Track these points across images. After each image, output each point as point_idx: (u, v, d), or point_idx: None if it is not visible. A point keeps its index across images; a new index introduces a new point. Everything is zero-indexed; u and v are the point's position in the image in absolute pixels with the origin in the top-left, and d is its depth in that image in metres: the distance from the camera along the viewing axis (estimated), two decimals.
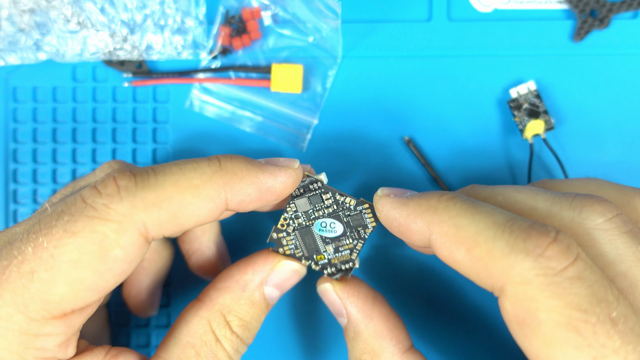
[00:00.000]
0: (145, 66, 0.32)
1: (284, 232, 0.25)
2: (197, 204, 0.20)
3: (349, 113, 0.32)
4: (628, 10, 0.31)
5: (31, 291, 0.18)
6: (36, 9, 0.30)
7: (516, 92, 0.31)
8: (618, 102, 0.31)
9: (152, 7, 0.31)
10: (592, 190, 0.23)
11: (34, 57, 0.31)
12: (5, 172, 0.32)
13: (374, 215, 0.24)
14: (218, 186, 0.21)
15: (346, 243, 0.25)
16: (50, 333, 0.19)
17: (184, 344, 0.22)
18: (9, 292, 0.18)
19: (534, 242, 0.17)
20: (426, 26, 0.32)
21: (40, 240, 0.18)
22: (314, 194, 0.25)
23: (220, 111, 0.32)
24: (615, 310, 0.16)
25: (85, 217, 0.18)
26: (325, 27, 0.31)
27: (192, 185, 0.20)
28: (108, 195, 0.19)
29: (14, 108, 0.32)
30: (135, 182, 0.19)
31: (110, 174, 0.19)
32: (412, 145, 0.31)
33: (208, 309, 0.23)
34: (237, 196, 0.21)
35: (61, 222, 0.18)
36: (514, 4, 0.32)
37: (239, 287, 0.24)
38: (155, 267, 0.28)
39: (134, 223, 0.19)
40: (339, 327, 0.31)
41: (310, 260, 0.25)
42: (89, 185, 0.19)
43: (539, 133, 0.30)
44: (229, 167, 0.21)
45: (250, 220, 0.32)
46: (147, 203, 0.19)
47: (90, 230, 0.18)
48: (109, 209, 0.18)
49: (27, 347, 0.18)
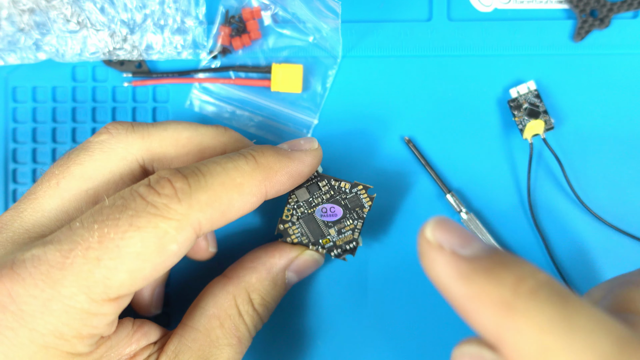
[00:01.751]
0: (145, 66, 0.32)
1: (289, 222, 0.27)
2: (243, 199, 0.22)
3: (349, 113, 0.32)
4: (628, 10, 0.31)
5: (96, 276, 0.19)
6: (36, 8, 0.30)
7: (516, 91, 0.31)
8: (618, 102, 0.31)
9: (152, 7, 0.31)
10: None
11: (33, 57, 0.31)
12: (5, 172, 0.32)
13: (369, 195, 0.27)
14: (258, 182, 0.23)
15: (347, 224, 0.27)
16: (105, 313, 0.20)
17: (210, 314, 0.25)
18: (74, 274, 0.19)
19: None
20: (426, 26, 0.32)
21: (106, 231, 0.20)
22: (311, 183, 0.27)
23: (220, 111, 0.32)
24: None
25: (148, 214, 0.20)
26: (325, 27, 0.31)
27: (236, 184, 0.22)
28: (167, 196, 0.20)
29: (14, 108, 0.32)
30: (189, 185, 0.21)
31: (162, 176, 0.21)
32: (412, 145, 0.31)
33: (235, 285, 0.26)
34: (275, 187, 0.24)
35: (126, 215, 0.20)
36: (514, 4, 0.32)
37: (265, 269, 0.26)
38: None
39: (191, 222, 0.21)
40: (330, 315, 0.31)
41: (317, 245, 0.27)
42: (143, 184, 0.21)
43: (538, 133, 0.30)
44: (265, 163, 0.23)
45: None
46: (201, 204, 0.21)
47: (153, 226, 0.20)
48: (169, 209, 0.20)
49: (85, 324, 0.20)
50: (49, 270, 0.19)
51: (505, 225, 0.31)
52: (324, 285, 0.31)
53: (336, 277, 0.31)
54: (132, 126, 0.25)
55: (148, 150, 0.25)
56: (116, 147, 0.25)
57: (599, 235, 0.31)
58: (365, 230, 0.31)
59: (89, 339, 0.21)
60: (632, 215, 0.31)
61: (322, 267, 0.31)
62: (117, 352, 0.22)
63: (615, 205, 0.31)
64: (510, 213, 0.31)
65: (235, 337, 0.25)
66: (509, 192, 0.31)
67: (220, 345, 0.24)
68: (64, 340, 0.20)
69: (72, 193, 0.24)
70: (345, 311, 0.31)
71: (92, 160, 0.24)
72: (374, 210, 0.31)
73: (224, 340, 0.24)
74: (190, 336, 0.24)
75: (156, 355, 0.23)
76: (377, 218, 0.31)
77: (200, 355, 0.24)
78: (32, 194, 0.24)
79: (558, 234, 0.31)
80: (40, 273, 0.19)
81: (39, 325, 0.19)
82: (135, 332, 0.23)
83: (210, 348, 0.24)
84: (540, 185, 0.31)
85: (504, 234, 0.31)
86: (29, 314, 0.19)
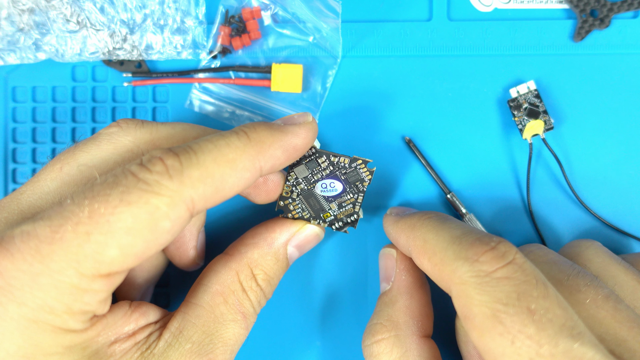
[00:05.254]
0: (145, 66, 0.32)
1: (289, 198, 0.27)
2: (236, 175, 0.22)
3: (349, 113, 0.32)
4: (628, 10, 0.31)
5: (85, 250, 0.19)
6: (35, 8, 0.30)
7: (516, 91, 0.31)
8: (618, 102, 0.31)
9: (151, 7, 0.31)
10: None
11: (33, 56, 0.31)
12: (5, 172, 0.32)
13: (368, 168, 0.27)
14: (251, 157, 0.23)
15: (348, 198, 0.27)
16: (96, 290, 0.20)
17: (213, 291, 0.25)
18: (63, 249, 0.19)
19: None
20: (426, 26, 0.32)
21: (96, 206, 0.19)
22: (309, 159, 0.27)
23: (220, 111, 0.32)
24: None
25: (139, 190, 0.20)
26: (325, 26, 0.31)
27: (229, 160, 0.22)
28: (158, 172, 0.20)
29: (14, 108, 0.32)
30: (180, 161, 0.21)
31: (154, 155, 0.21)
32: (412, 145, 0.31)
33: (237, 262, 0.26)
34: (269, 162, 0.24)
35: (116, 191, 0.20)
36: (514, 4, 0.32)
37: (267, 244, 0.26)
38: (151, 264, 0.28)
39: (183, 198, 0.20)
40: (333, 300, 0.31)
41: (318, 219, 0.27)
42: (135, 163, 0.21)
43: (538, 133, 0.30)
44: (257, 137, 0.23)
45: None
46: (193, 180, 0.21)
47: (145, 202, 0.20)
48: (161, 185, 0.20)
49: (76, 299, 0.20)
50: (38, 245, 0.19)
51: (505, 224, 0.31)
52: (325, 263, 0.31)
53: (338, 254, 0.32)
54: (142, 122, 0.26)
55: (155, 145, 0.25)
56: (124, 139, 0.25)
57: (598, 235, 0.31)
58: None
59: (81, 316, 0.20)
60: (631, 215, 0.31)
61: (323, 242, 0.32)
62: (114, 331, 0.22)
63: (613, 204, 0.31)
64: (510, 212, 0.31)
65: (239, 312, 0.25)
66: (509, 191, 0.31)
67: (225, 321, 0.24)
68: (55, 315, 0.20)
69: (74, 178, 0.24)
70: (346, 292, 0.31)
71: (99, 150, 0.24)
72: (374, 209, 0.31)
73: (229, 316, 0.24)
74: (195, 313, 0.24)
75: (158, 332, 0.23)
76: (377, 218, 0.31)
77: (204, 331, 0.24)
78: (34, 177, 0.24)
79: (557, 233, 0.31)
80: (29, 248, 0.19)
81: (27, 300, 0.19)
82: (133, 312, 0.23)
83: (215, 324, 0.24)
84: (539, 185, 0.31)
85: (503, 233, 0.31)
86: (17, 289, 0.19)
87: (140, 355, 0.22)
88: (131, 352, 0.22)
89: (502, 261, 0.20)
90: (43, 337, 0.20)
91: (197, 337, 0.23)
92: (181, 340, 0.23)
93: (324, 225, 0.28)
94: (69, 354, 0.21)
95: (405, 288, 0.26)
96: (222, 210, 0.32)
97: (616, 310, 0.22)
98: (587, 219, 0.31)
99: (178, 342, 0.23)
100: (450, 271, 0.21)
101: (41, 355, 0.20)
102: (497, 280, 0.20)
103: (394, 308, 0.26)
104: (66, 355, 0.21)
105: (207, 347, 0.23)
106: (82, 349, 0.21)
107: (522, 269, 0.20)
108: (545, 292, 0.19)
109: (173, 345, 0.23)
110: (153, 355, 0.22)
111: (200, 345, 0.23)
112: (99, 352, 0.22)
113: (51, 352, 0.20)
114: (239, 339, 0.25)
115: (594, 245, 0.27)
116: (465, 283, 0.20)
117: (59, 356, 0.20)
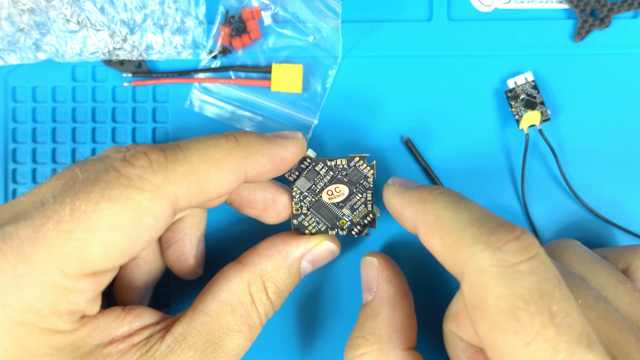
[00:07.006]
0: (145, 66, 0.32)
1: (300, 214, 0.27)
2: (221, 176, 0.22)
3: (349, 113, 0.32)
4: (629, 10, 0.31)
5: (68, 249, 0.19)
6: (36, 8, 0.30)
7: (514, 82, 0.31)
8: (618, 102, 0.31)
9: (151, 7, 0.31)
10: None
11: (33, 56, 0.31)
12: (5, 172, 0.32)
13: (368, 163, 0.26)
14: (238, 159, 0.23)
15: (357, 199, 0.27)
16: (82, 289, 0.20)
17: (222, 300, 0.24)
18: (45, 249, 0.19)
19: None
20: (426, 26, 0.32)
21: (77, 204, 0.19)
22: (308, 170, 0.27)
23: (220, 111, 0.32)
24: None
25: (121, 185, 0.19)
26: (325, 26, 0.31)
27: (215, 160, 0.22)
28: (141, 167, 0.20)
29: (14, 108, 0.32)
30: (165, 157, 0.21)
31: (139, 150, 0.21)
32: (411, 145, 0.31)
33: (250, 272, 0.25)
34: (255, 167, 0.23)
35: (98, 188, 0.19)
36: (514, 4, 0.32)
37: (282, 257, 0.26)
38: (150, 267, 0.28)
39: (166, 194, 0.20)
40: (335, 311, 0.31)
41: (335, 228, 0.27)
42: (118, 159, 0.21)
43: (535, 124, 0.30)
44: (245, 142, 0.23)
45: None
46: (177, 176, 0.20)
47: (126, 197, 0.19)
48: (144, 180, 0.20)
49: (61, 300, 0.20)
50: (20, 246, 0.19)
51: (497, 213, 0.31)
52: (327, 264, 0.31)
53: (340, 254, 0.32)
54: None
55: None
56: None
57: (591, 228, 0.31)
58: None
59: (69, 316, 0.20)
60: (624, 209, 0.31)
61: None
62: (107, 333, 0.22)
63: (607, 198, 0.31)
64: (503, 203, 0.31)
65: (246, 324, 0.24)
66: (503, 183, 0.31)
67: (230, 332, 0.24)
68: (41, 317, 0.19)
69: None
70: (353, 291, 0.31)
71: None
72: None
73: (235, 327, 0.24)
74: (201, 320, 0.24)
75: (160, 335, 0.23)
76: (377, 219, 0.31)
77: (208, 339, 0.23)
78: (35, 188, 0.24)
79: (550, 224, 0.31)
80: (11, 249, 0.19)
81: (12, 302, 0.19)
82: (126, 314, 0.23)
83: (220, 333, 0.24)
84: (534, 176, 0.31)
85: None
86: (1, 291, 0.19)
87: (140, 357, 0.22)
88: (130, 354, 0.22)
89: (527, 254, 0.19)
90: (30, 339, 0.20)
91: (201, 345, 0.23)
92: (184, 347, 0.23)
93: (342, 233, 0.27)
94: (58, 355, 0.20)
95: (388, 299, 0.26)
96: (230, 218, 0.32)
97: (607, 311, 0.21)
98: (580, 211, 0.31)
99: (181, 348, 0.23)
100: (466, 255, 0.19)
101: (29, 357, 0.20)
102: (521, 274, 0.18)
103: (376, 320, 0.25)
104: (56, 356, 0.20)
105: (210, 357, 0.23)
106: (72, 350, 0.21)
107: (545, 265, 0.19)
108: (566, 294, 0.18)
109: (175, 350, 0.23)
110: (154, 358, 0.22)
111: (203, 353, 0.23)
112: (93, 353, 0.21)
113: (40, 353, 0.20)
114: (242, 350, 0.24)
115: (574, 245, 0.27)
116: (483, 271, 0.19)
117: (48, 357, 0.20)
